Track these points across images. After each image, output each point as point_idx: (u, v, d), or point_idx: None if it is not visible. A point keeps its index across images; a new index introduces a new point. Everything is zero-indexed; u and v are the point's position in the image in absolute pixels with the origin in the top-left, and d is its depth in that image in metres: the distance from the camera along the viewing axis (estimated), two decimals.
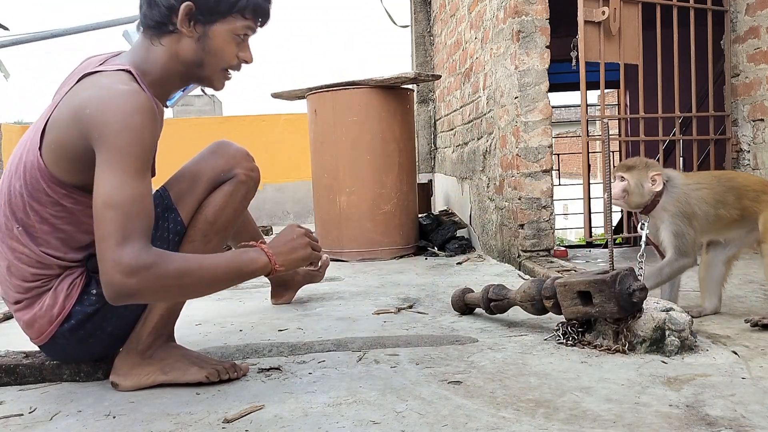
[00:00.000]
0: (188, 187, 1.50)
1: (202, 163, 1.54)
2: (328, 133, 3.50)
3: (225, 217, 1.52)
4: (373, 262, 3.41)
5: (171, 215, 1.46)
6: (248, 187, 1.58)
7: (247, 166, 1.58)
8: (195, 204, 1.50)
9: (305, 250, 1.41)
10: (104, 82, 1.30)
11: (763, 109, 3.05)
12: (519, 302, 1.83)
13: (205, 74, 1.43)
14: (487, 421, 1.19)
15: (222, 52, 1.41)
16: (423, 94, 5.50)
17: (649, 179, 1.83)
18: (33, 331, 1.43)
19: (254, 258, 1.34)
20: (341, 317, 2.09)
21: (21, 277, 1.40)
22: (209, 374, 1.44)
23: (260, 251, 1.35)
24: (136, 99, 1.26)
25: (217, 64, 1.42)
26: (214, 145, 1.59)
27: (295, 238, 1.41)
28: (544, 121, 2.90)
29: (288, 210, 6.94)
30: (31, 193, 1.35)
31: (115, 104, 1.25)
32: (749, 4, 3.11)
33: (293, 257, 1.39)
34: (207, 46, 1.39)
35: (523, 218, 2.91)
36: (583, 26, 2.76)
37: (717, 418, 1.16)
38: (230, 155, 1.57)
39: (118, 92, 1.26)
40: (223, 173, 1.54)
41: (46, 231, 1.37)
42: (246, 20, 1.40)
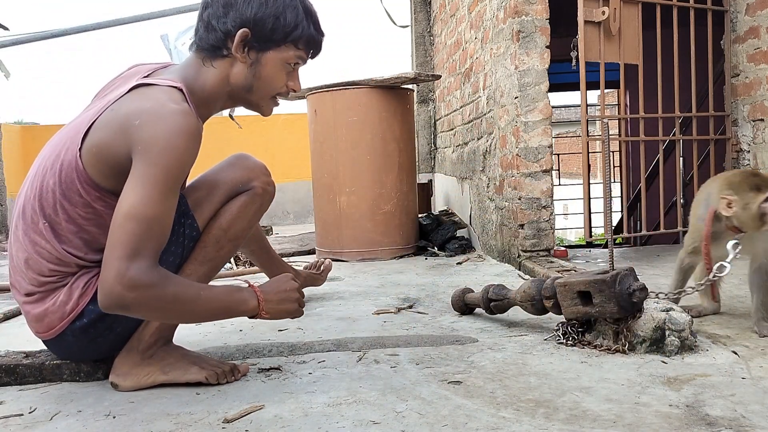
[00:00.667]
0: (206, 195, 1.54)
1: (221, 174, 1.59)
2: (328, 133, 3.50)
3: (238, 226, 1.55)
4: (373, 262, 3.41)
5: (187, 221, 1.48)
6: (263, 200, 1.62)
7: (265, 180, 1.63)
8: (211, 212, 1.53)
9: (293, 305, 1.45)
10: (158, 98, 1.33)
11: (763, 109, 3.05)
12: (519, 302, 1.83)
13: (253, 99, 1.48)
14: (487, 421, 1.19)
15: (273, 80, 1.45)
16: (423, 94, 5.50)
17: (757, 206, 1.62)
18: (42, 325, 1.43)
19: (246, 300, 1.38)
20: (341, 317, 2.09)
21: (38, 271, 1.40)
22: (209, 375, 1.45)
23: (252, 295, 1.39)
24: (186, 121, 1.29)
25: (267, 91, 1.47)
26: (234, 158, 1.64)
27: (287, 290, 1.44)
28: (544, 121, 2.90)
29: (288, 210, 6.94)
30: (65, 192, 1.36)
31: (165, 122, 1.28)
32: (749, 4, 3.11)
33: (280, 308, 1.43)
34: (258, 72, 1.44)
35: (523, 218, 2.91)
36: (583, 26, 2.76)
37: (717, 418, 1.16)
38: (249, 168, 1.62)
39: (171, 111, 1.29)
40: (241, 185, 1.58)
41: (72, 230, 1.38)
42: (298, 50, 1.45)
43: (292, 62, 1.45)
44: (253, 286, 1.41)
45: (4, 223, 5.90)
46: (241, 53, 1.42)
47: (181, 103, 1.33)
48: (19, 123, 10.77)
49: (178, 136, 1.27)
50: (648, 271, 2.63)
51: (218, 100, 1.48)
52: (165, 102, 1.32)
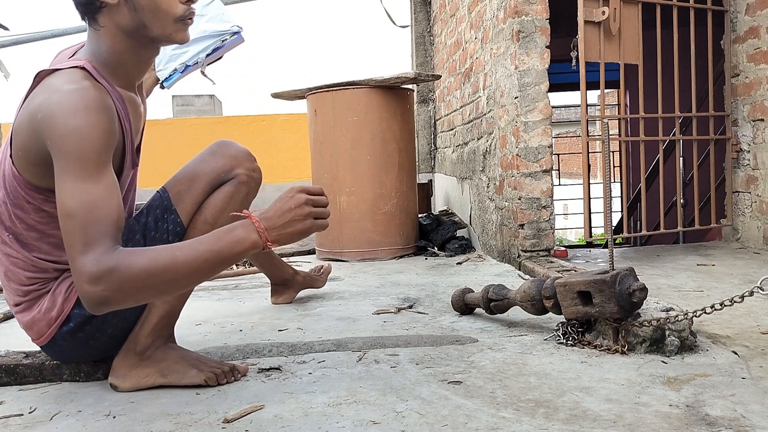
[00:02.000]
0: (187, 188, 1.47)
1: (202, 164, 1.51)
2: (328, 133, 3.50)
3: (225, 219, 1.47)
4: (373, 262, 3.41)
5: (170, 216, 1.45)
6: (249, 188, 1.54)
7: (249, 166, 1.54)
8: (194, 205, 1.47)
9: (304, 223, 1.26)
10: (55, 84, 1.26)
11: (763, 109, 3.05)
12: (519, 302, 1.83)
13: (156, 33, 1.33)
14: (487, 421, 1.19)
15: (158, 3, 1.30)
16: (423, 94, 5.50)
17: None
18: (33, 332, 1.44)
19: (241, 239, 1.21)
20: (341, 317, 2.09)
21: (18, 281, 1.40)
22: (208, 378, 1.44)
23: (250, 228, 1.22)
24: (81, 98, 1.21)
25: (164, 17, 1.31)
26: (215, 145, 1.56)
27: (293, 208, 1.25)
28: (544, 121, 2.90)
29: None
30: (14, 201, 1.34)
31: (59, 107, 1.21)
32: (749, 4, 3.11)
33: (289, 231, 1.24)
34: (138, 4, 1.29)
35: (523, 218, 2.91)
36: (583, 26, 2.76)
37: (717, 418, 1.16)
38: (231, 155, 1.53)
39: (64, 93, 1.22)
40: (224, 173, 1.51)
41: (35, 237, 1.37)
42: None
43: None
44: (251, 216, 1.24)
45: None
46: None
47: (79, 81, 1.25)
48: None
49: (74, 115, 1.19)
50: (648, 271, 2.63)
51: (128, 56, 1.35)
52: (60, 86, 1.24)
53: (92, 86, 1.25)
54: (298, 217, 1.25)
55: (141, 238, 1.42)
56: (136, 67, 1.40)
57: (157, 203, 1.46)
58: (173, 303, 1.48)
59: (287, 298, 2.35)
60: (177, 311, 1.51)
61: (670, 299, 1.93)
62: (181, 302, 1.50)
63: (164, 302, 1.46)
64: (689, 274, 2.53)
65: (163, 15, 1.31)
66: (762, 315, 1.85)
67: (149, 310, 1.46)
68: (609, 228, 1.82)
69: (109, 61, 1.35)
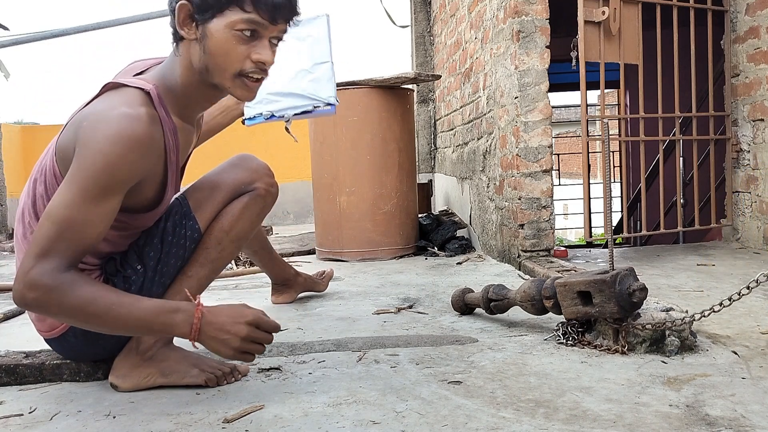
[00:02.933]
0: (207, 196, 1.51)
1: (223, 174, 1.55)
2: (328, 133, 3.50)
3: (240, 228, 1.53)
4: (373, 262, 3.41)
5: (189, 222, 1.47)
6: (266, 202, 1.59)
7: (268, 181, 1.59)
8: (213, 213, 1.51)
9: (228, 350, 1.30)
10: (113, 102, 1.27)
11: (763, 109, 3.05)
12: (519, 302, 1.83)
13: (216, 81, 1.33)
14: (487, 421, 1.19)
15: (225, 53, 1.28)
16: (423, 94, 5.50)
17: None
18: (44, 324, 1.44)
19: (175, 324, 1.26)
20: (341, 317, 2.09)
21: None
22: (208, 379, 1.44)
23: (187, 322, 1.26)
24: (130, 127, 1.22)
25: (224, 68, 1.30)
26: (237, 158, 1.60)
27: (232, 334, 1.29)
28: (544, 121, 2.90)
29: (288, 210, 6.94)
30: (50, 196, 1.35)
31: (105, 126, 1.22)
32: (749, 4, 3.11)
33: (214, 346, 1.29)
34: (207, 47, 1.29)
35: (523, 218, 2.91)
36: (583, 26, 2.76)
37: (717, 418, 1.16)
38: (252, 169, 1.58)
39: (116, 116, 1.23)
40: (244, 185, 1.55)
41: None
42: (246, 13, 1.26)
43: (242, 29, 1.26)
44: (199, 309, 1.28)
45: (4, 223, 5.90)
46: (188, 29, 1.29)
47: (137, 107, 1.25)
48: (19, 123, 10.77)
49: (114, 142, 1.21)
50: (648, 271, 2.63)
51: (194, 91, 1.36)
52: (117, 105, 1.25)
53: (146, 115, 1.25)
54: (230, 344, 1.29)
55: (159, 242, 1.45)
56: (199, 103, 1.41)
57: (176, 209, 1.48)
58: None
59: (288, 298, 2.35)
60: None
61: (670, 299, 1.92)
62: None
63: None
64: (689, 274, 2.53)
65: (224, 66, 1.30)
66: (762, 315, 1.85)
67: None
68: (609, 228, 1.82)
69: (176, 89, 1.36)
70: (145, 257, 1.44)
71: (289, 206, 6.92)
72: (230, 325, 1.29)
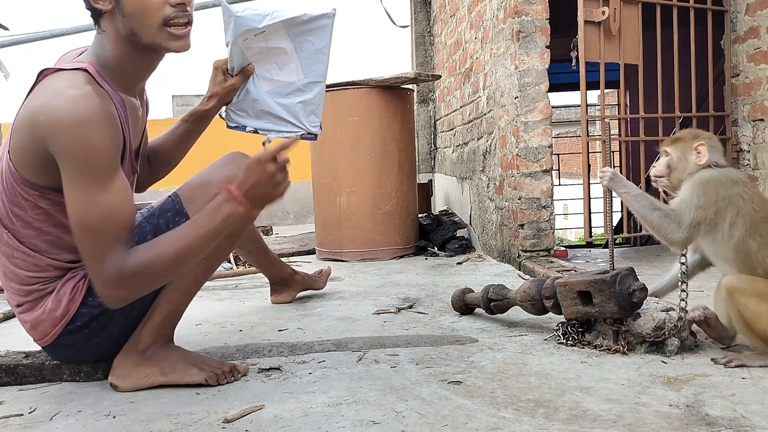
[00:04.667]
0: (200, 193, 1.50)
1: (215, 171, 1.55)
2: (328, 133, 3.49)
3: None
4: (373, 262, 3.41)
5: (182, 219, 1.46)
6: None
7: None
8: None
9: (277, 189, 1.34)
10: (57, 87, 1.27)
11: (763, 109, 3.05)
12: (519, 302, 1.83)
13: (146, 41, 1.33)
14: (487, 421, 1.19)
15: (142, 8, 1.30)
16: (423, 94, 5.50)
17: (693, 151, 1.58)
18: (36, 332, 1.44)
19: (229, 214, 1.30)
20: (341, 317, 2.09)
21: (19, 280, 1.40)
22: (208, 377, 1.44)
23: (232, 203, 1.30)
24: (90, 107, 1.23)
25: (148, 23, 1.31)
26: (229, 156, 1.60)
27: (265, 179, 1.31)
28: (544, 121, 2.90)
29: (288, 210, 6.94)
30: (11, 198, 1.35)
31: (65, 115, 1.22)
32: (749, 4, 3.11)
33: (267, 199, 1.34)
34: (125, 10, 1.30)
35: (523, 218, 2.91)
36: (583, 26, 2.76)
37: (717, 418, 1.16)
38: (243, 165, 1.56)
39: (69, 99, 1.24)
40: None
41: (32, 235, 1.37)
42: None
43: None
44: (230, 190, 1.31)
45: None
46: (102, 2, 1.30)
47: (82, 86, 1.26)
48: None
49: (83, 127, 1.22)
50: (648, 271, 2.63)
51: (128, 62, 1.37)
52: (63, 91, 1.25)
53: (94, 92, 1.27)
54: (276, 187, 1.33)
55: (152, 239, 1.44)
56: (136, 72, 1.42)
57: (169, 206, 1.48)
58: (177, 303, 1.48)
59: (287, 297, 2.35)
60: (180, 311, 1.51)
61: (670, 299, 1.92)
62: (185, 302, 1.51)
63: (168, 302, 1.46)
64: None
65: (148, 21, 1.32)
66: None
67: (153, 309, 1.46)
68: (609, 228, 1.82)
69: (111, 64, 1.37)
70: None
71: (289, 206, 6.92)
72: (260, 178, 1.31)
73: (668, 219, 1.52)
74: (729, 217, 1.49)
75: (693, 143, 1.59)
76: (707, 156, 1.57)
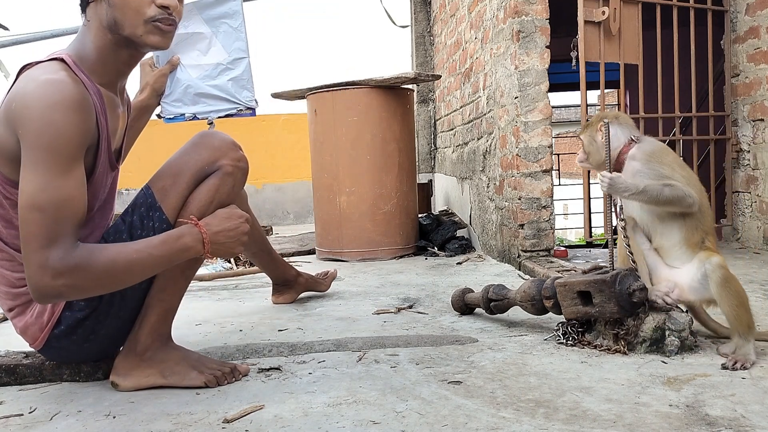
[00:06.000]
0: (172, 184, 1.43)
1: (185, 157, 1.46)
2: (328, 133, 3.50)
3: (211, 212, 1.43)
4: (373, 262, 3.41)
5: (155, 213, 1.41)
6: (236, 179, 1.48)
7: (234, 156, 1.49)
8: (180, 200, 1.43)
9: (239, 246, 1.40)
10: (33, 74, 1.25)
11: (763, 109, 3.05)
12: (519, 302, 1.83)
13: (127, 33, 1.32)
14: (487, 421, 1.19)
15: (127, 2, 1.29)
16: (423, 94, 5.50)
17: (599, 132, 1.67)
18: (28, 336, 1.43)
19: (189, 247, 1.32)
20: (341, 317, 2.09)
21: (7, 283, 1.39)
22: (208, 381, 1.44)
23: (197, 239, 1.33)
24: (59, 91, 1.21)
25: (130, 16, 1.30)
26: (197, 137, 1.51)
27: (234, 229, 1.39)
28: (544, 121, 2.90)
29: (288, 210, 6.94)
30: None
31: (36, 98, 1.20)
32: (749, 4, 3.11)
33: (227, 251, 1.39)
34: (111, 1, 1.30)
35: (523, 218, 2.91)
36: (583, 26, 2.76)
37: (717, 418, 1.16)
38: (214, 147, 1.48)
39: (41, 84, 1.21)
40: (208, 166, 1.46)
41: (15, 235, 1.33)
42: None
43: None
44: (199, 226, 1.34)
45: None
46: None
47: (57, 72, 1.24)
48: None
49: (51, 109, 1.19)
50: None
51: (109, 54, 1.35)
52: (38, 76, 1.23)
53: (69, 78, 1.24)
54: (238, 240, 1.40)
55: (128, 237, 1.40)
56: (115, 66, 1.38)
57: (142, 201, 1.43)
58: (170, 301, 1.46)
59: (288, 298, 2.35)
60: (174, 308, 1.50)
61: None
62: (177, 299, 1.49)
63: (160, 300, 1.45)
64: None
65: (132, 14, 1.31)
66: (762, 315, 1.85)
67: (146, 310, 1.45)
68: (609, 228, 1.82)
69: (90, 56, 1.35)
70: None
71: (289, 206, 6.93)
72: (235, 232, 1.38)
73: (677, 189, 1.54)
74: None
75: (597, 125, 1.68)
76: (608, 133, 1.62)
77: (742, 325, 1.47)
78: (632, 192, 1.55)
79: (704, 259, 1.55)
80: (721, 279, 1.50)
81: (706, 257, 1.55)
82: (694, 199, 1.54)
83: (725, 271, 1.52)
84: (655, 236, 1.62)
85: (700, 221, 1.57)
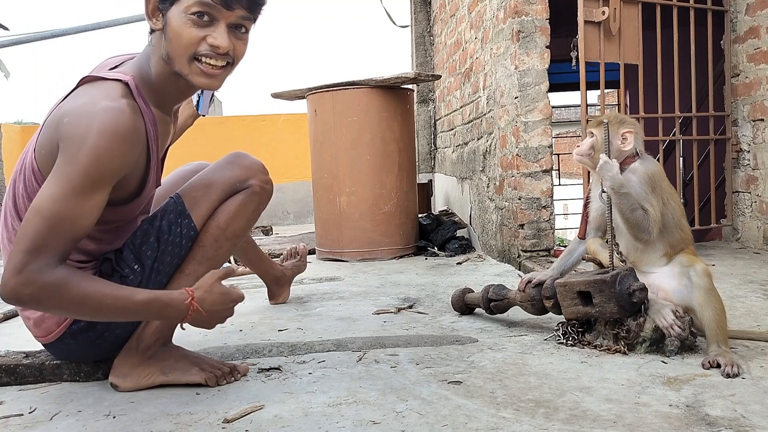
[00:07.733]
0: (203, 195, 1.51)
1: (218, 173, 1.55)
2: (328, 133, 3.50)
3: (237, 225, 1.53)
4: (373, 262, 3.41)
5: (184, 221, 1.47)
6: (261, 199, 1.58)
7: (263, 178, 1.59)
8: (208, 211, 1.51)
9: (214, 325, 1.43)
10: (94, 95, 1.27)
11: (763, 109, 3.05)
12: (519, 302, 1.83)
13: (177, 68, 1.33)
14: (487, 421, 1.19)
15: (179, 37, 1.29)
16: (423, 94, 5.50)
17: (619, 136, 1.65)
18: (40, 330, 1.44)
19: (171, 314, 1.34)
20: (341, 317, 2.09)
21: None
22: (208, 378, 1.45)
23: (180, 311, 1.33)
24: (113, 120, 1.22)
25: (180, 52, 1.31)
26: (232, 156, 1.60)
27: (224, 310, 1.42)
28: (544, 121, 2.90)
29: (288, 210, 6.94)
30: (30, 196, 1.34)
31: (88, 122, 1.21)
32: (749, 4, 3.11)
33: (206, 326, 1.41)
34: (167, 34, 1.31)
35: (523, 218, 2.91)
36: (583, 26, 2.76)
37: (717, 418, 1.16)
38: (246, 166, 1.57)
39: (99, 110, 1.23)
40: (239, 183, 1.55)
41: None
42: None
43: (195, 11, 1.28)
44: (192, 302, 1.34)
45: None
46: (155, 20, 1.32)
47: (118, 99, 1.25)
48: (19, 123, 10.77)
49: (100, 135, 1.20)
50: None
51: (166, 82, 1.37)
52: (98, 99, 1.25)
53: (128, 108, 1.26)
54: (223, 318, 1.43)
55: (155, 241, 1.45)
56: (173, 94, 1.41)
57: (171, 208, 1.48)
58: None
59: (284, 297, 2.37)
60: None
61: None
62: None
63: None
64: None
65: (179, 50, 1.31)
66: (762, 315, 1.85)
67: None
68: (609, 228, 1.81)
69: (151, 80, 1.37)
70: (142, 256, 1.44)
71: (289, 206, 6.93)
72: (222, 308, 1.41)
73: (646, 219, 1.58)
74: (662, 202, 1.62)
75: (620, 129, 1.67)
76: (633, 143, 1.65)
77: (723, 333, 1.49)
78: (614, 187, 1.57)
79: (687, 264, 1.58)
80: (708, 286, 1.54)
81: (689, 263, 1.58)
82: (650, 235, 1.59)
83: (710, 279, 1.55)
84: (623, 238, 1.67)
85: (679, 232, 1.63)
